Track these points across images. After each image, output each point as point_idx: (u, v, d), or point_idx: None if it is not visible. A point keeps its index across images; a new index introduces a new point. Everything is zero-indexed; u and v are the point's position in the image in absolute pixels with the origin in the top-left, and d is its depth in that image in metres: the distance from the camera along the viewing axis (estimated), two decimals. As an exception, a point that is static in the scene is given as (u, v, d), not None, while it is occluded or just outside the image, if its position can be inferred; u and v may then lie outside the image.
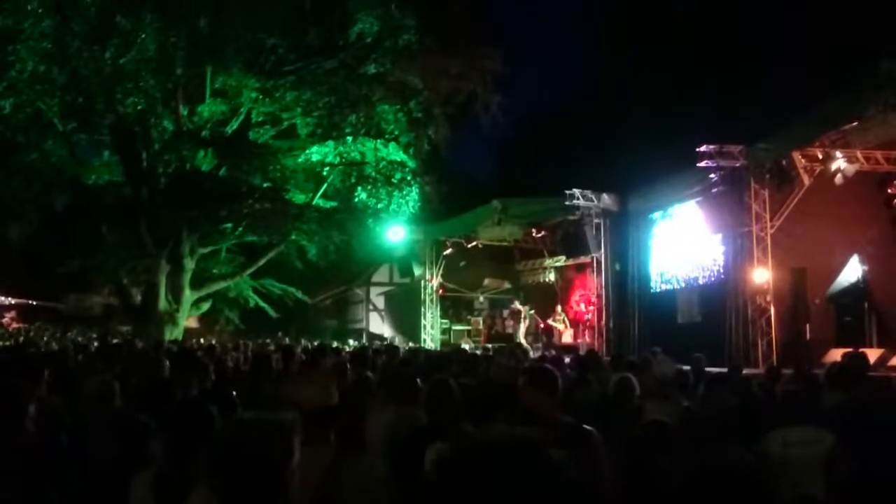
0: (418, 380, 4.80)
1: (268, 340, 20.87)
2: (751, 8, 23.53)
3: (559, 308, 22.39)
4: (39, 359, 7.89)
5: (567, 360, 10.71)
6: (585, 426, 3.80)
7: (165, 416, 3.04)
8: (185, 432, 2.89)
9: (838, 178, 13.89)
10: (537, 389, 3.94)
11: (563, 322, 21.99)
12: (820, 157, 14.18)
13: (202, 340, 19.65)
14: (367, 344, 21.31)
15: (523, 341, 21.19)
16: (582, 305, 22.78)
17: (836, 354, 12.11)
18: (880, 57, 11.41)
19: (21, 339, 22.96)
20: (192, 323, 27.61)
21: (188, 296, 21.31)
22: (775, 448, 3.35)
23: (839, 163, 13.85)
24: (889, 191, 15.67)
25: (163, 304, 20.41)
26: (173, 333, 19.87)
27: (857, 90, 12.18)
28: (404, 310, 29.13)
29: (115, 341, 16.29)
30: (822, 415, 4.10)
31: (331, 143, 21.90)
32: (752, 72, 22.79)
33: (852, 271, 15.13)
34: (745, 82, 22.72)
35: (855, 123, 13.00)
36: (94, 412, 4.31)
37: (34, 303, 31.96)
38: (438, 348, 21.15)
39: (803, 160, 14.20)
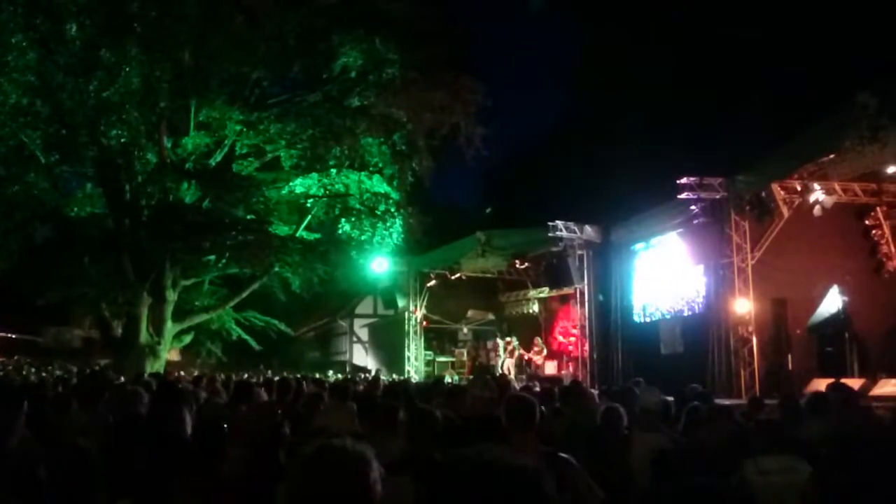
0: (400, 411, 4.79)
1: (250, 373, 20.71)
2: (730, 42, 23.92)
3: (538, 339, 22.37)
4: (18, 390, 7.76)
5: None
6: (562, 454, 3.83)
7: (147, 449, 3.02)
8: (166, 464, 2.88)
9: (817, 210, 14.09)
10: (515, 419, 3.96)
11: (541, 353, 21.94)
12: (798, 189, 14.39)
13: (182, 373, 19.45)
14: (349, 376, 21.19)
15: (511, 373, 21.19)
16: (566, 336, 22.78)
17: (818, 384, 12.19)
18: (857, 90, 11.62)
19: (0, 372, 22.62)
20: (174, 356, 27.36)
21: (170, 328, 21.12)
22: (751, 475, 3.37)
23: (817, 195, 14.07)
24: (867, 222, 15.92)
25: (144, 336, 20.21)
26: (154, 366, 19.64)
27: (834, 123, 12.37)
28: (388, 342, 29.03)
29: (93, 371, 16.08)
30: (800, 445, 4.13)
31: (315, 175, 21.95)
32: (732, 105, 23.13)
33: (832, 302, 15.26)
34: (724, 115, 23.05)
35: (832, 156, 13.19)
36: (70, 443, 4.26)
37: (13, 336, 31.56)
38: (423, 380, 21.06)
39: (782, 192, 14.40)
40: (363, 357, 32.84)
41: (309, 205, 22.69)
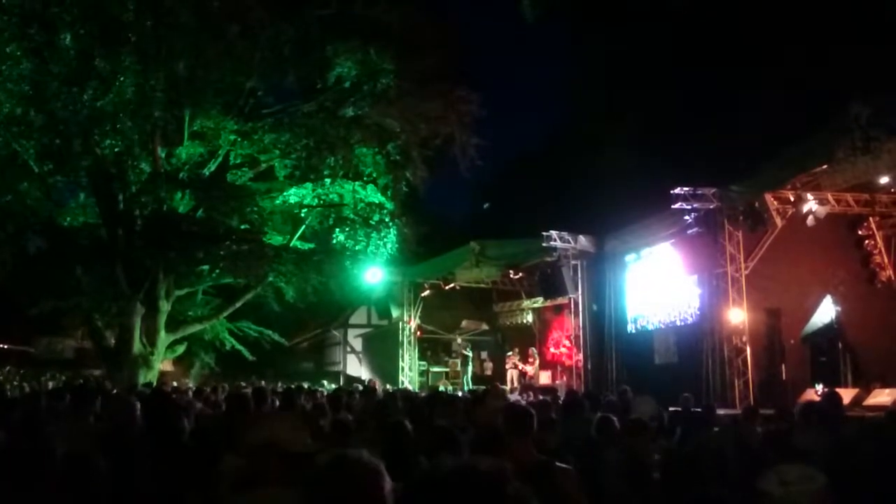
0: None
1: (243, 383, 20.60)
2: (723, 53, 24.04)
3: (532, 350, 22.35)
4: (10, 402, 7.74)
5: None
6: (559, 463, 3.84)
7: (152, 459, 3.00)
8: (169, 472, 2.86)
9: (810, 220, 14.16)
10: (511, 429, 3.98)
11: (533, 364, 21.91)
12: (792, 199, 14.46)
13: (175, 384, 19.36)
14: (343, 387, 21.12)
15: (509, 384, 21.23)
16: (558, 347, 22.77)
17: (811, 394, 12.24)
18: (850, 101, 11.68)
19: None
20: (167, 366, 27.23)
21: (163, 338, 21.02)
22: (773, 487, 3.36)
23: (810, 205, 14.14)
24: (860, 232, 16.01)
25: (137, 346, 20.11)
26: (147, 377, 19.54)
27: (827, 134, 12.44)
28: (382, 352, 28.94)
29: (87, 383, 16.00)
30: (803, 454, 4.13)
31: (309, 185, 21.92)
32: (725, 115, 23.23)
33: (826, 312, 15.31)
34: (718, 125, 23.14)
35: (825, 167, 13.26)
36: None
37: (5, 346, 31.39)
38: (417, 390, 21.01)
39: (775, 202, 14.46)
40: (357, 367, 32.72)
41: (303, 215, 22.65)
